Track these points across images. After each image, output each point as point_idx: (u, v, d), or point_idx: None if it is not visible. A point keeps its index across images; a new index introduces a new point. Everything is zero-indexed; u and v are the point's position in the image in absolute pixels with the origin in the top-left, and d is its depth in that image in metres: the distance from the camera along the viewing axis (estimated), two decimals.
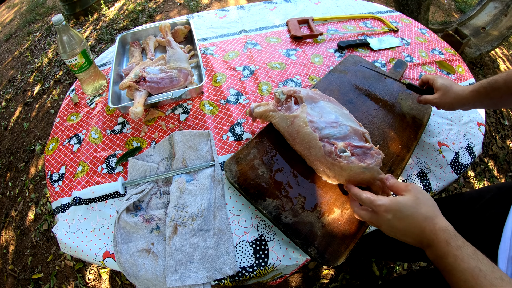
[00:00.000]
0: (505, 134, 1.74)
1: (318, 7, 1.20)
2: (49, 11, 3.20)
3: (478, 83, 0.60)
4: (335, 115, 0.64)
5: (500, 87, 0.56)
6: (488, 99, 0.59)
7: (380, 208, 0.46)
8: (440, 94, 0.65)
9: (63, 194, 0.70)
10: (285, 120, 0.65)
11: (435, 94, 0.66)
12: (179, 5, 2.84)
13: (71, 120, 0.85)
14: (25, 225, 1.49)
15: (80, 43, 0.80)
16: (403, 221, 0.44)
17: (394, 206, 0.45)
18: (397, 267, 1.20)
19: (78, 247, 0.61)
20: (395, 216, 0.45)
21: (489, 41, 2.06)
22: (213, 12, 1.19)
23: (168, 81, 0.79)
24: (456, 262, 0.38)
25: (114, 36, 2.49)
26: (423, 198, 0.45)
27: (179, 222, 0.60)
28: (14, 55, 2.69)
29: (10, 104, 2.19)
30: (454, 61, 0.96)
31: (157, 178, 0.67)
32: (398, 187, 0.49)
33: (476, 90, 0.60)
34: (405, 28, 1.09)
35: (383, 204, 0.46)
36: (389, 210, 0.45)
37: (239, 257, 0.58)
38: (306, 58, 0.96)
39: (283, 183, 0.62)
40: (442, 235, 0.40)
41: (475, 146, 0.74)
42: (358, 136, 0.61)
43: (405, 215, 0.44)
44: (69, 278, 1.27)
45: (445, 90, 0.64)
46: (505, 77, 0.56)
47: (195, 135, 0.74)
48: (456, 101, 0.63)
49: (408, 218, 0.44)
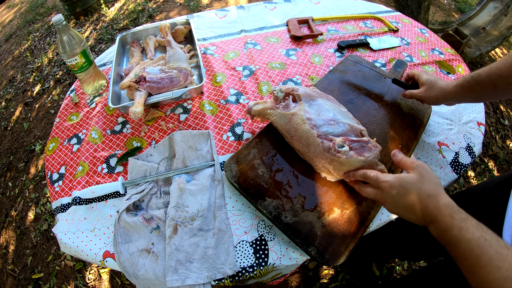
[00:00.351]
0: (505, 134, 1.74)
1: (318, 7, 1.20)
2: (49, 11, 3.20)
3: (462, 77, 0.61)
4: (333, 113, 0.64)
5: (483, 81, 0.57)
6: (471, 93, 0.60)
7: (385, 184, 0.47)
8: (425, 89, 0.67)
9: (63, 194, 0.70)
10: (283, 118, 0.65)
11: (420, 88, 0.68)
12: (179, 5, 2.84)
13: (71, 120, 0.85)
14: (25, 225, 1.49)
15: (80, 43, 0.80)
16: (407, 197, 0.45)
17: (398, 182, 0.46)
18: (397, 267, 1.20)
19: (78, 247, 0.61)
20: (399, 193, 0.45)
21: (489, 41, 2.06)
22: (213, 12, 1.19)
23: (168, 81, 0.79)
24: (461, 233, 0.38)
25: (114, 36, 2.49)
26: (428, 176, 0.46)
27: (179, 222, 0.60)
28: (14, 55, 2.69)
29: (10, 104, 2.19)
30: (454, 61, 0.96)
31: (157, 178, 0.67)
32: (405, 163, 0.49)
33: (460, 84, 0.61)
34: (405, 28, 1.09)
35: (387, 180, 0.47)
36: (393, 187, 0.46)
37: (239, 257, 0.58)
38: (306, 58, 0.96)
39: (283, 183, 0.62)
40: (446, 210, 0.41)
41: (475, 146, 0.74)
42: (355, 133, 0.62)
43: (409, 191, 0.45)
44: (69, 278, 1.27)
45: (430, 85, 0.66)
46: (487, 71, 0.57)
47: (195, 135, 0.74)
48: (441, 95, 0.64)
49: (411, 195, 0.44)
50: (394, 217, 0.62)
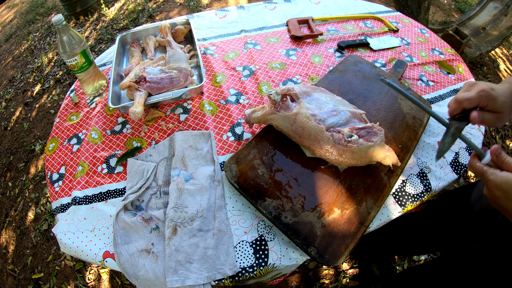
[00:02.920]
0: (505, 134, 1.74)
1: (318, 7, 1.20)
2: (49, 11, 3.20)
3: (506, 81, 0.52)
4: (332, 103, 0.67)
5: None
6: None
7: (490, 183, 0.43)
8: (503, 116, 0.50)
9: (63, 194, 0.70)
10: (287, 120, 0.65)
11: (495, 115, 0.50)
12: (179, 5, 2.84)
13: (71, 120, 0.85)
14: (25, 225, 1.49)
15: (80, 43, 0.80)
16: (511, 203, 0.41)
17: (505, 186, 0.41)
18: (397, 267, 1.20)
19: (78, 247, 0.61)
20: (504, 196, 0.41)
21: (489, 41, 2.06)
22: (213, 12, 1.19)
23: (168, 81, 0.79)
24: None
25: (114, 36, 2.49)
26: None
27: (179, 223, 0.60)
28: (14, 55, 2.69)
29: (10, 104, 2.19)
30: (454, 61, 0.96)
31: (154, 176, 0.67)
32: (510, 164, 0.42)
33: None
34: (405, 28, 1.09)
35: (493, 180, 0.42)
36: (498, 188, 0.42)
37: (239, 257, 0.58)
38: (306, 58, 0.96)
39: (283, 183, 0.62)
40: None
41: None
42: (358, 118, 0.65)
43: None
44: (69, 278, 1.27)
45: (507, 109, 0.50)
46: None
47: (196, 135, 0.74)
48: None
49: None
50: (394, 217, 0.62)
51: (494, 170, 0.43)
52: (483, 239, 0.63)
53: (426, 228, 0.84)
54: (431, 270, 0.78)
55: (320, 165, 0.65)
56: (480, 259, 0.63)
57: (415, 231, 0.89)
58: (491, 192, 0.43)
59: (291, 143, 0.68)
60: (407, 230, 0.91)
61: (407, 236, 0.92)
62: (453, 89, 0.87)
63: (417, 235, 0.88)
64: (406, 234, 0.92)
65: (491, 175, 0.42)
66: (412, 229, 0.90)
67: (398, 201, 0.64)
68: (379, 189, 0.62)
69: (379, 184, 0.62)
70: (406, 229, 0.91)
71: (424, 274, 0.83)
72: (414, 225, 0.89)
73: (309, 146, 0.64)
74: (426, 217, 0.85)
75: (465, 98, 0.49)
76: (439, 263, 0.76)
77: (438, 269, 0.74)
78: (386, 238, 1.00)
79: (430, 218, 0.84)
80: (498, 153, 0.43)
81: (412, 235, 0.90)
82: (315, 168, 0.64)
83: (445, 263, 0.74)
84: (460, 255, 0.69)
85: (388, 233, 0.96)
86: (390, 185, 0.62)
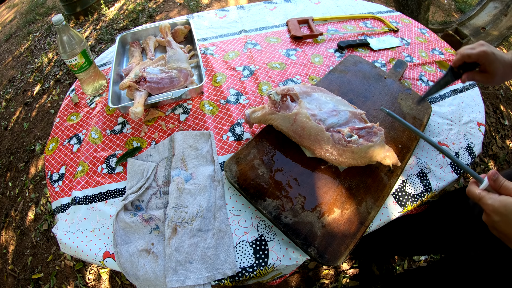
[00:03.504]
0: (505, 134, 1.74)
1: (318, 7, 1.20)
2: (49, 11, 3.20)
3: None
4: (332, 103, 0.67)
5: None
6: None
7: (488, 207, 0.42)
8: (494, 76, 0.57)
9: (63, 194, 0.70)
10: (287, 120, 0.65)
11: (486, 75, 0.58)
12: (179, 5, 2.84)
13: (71, 120, 0.85)
14: (25, 225, 1.49)
15: (80, 43, 0.80)
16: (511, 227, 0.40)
17: (503, 210, 0.40)
18: (397, 268, 1.20)
19: (78, 247, 0.61)
20: (503, 221, 0.41)
21: (489, 41, 2.06)
22: (213, 12, 1.19)
23: (168, 81, 0.79)
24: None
25: (114, 36, 2.49)
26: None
27: (179, 223, 0.60)
28: (14, 55, 2.69)
29: (10, 104, 2.19)
30: None
31: (154, 176, 0.67)
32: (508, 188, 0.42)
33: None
34: (405, 28, 1.09)
35: (491, 204, 0.42)
36: (497, 212, 0.41)
37: (239, 257, 0.58)
38: (306, 58, 0.96)
39: (283, 183, 0.62)
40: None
41: (475, 146, 0.74)
42: (358, 118, 0.65)
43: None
44: (69, 278, 1.27)
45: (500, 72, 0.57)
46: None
47: (196, 135, 0.74)
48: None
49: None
50: (394, 217, 0.62)
51: (492, 195, 0.43)
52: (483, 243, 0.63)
53: (426, 230, 0.84)
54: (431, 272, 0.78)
55: (320, 165, 0.65)
56: (481, 263, 0.63)
57: (415, 232, 0.89)
58: (490, 218, 0.42)
59: (291, 143, 0.68)
60: (407, 231, 0.92)
61: (407, 237, 0.92)
62: (453, 89, 0.87)
63: (417, 236, 0.88)
64: (406, 235, 0.92)
65: (489, 200, 0.42)
66: (412, 230, 0.90)
67: (398, 201, 0.64)
68: (379, 189, 0.62)
69: (379, 184, 0.62)
70: (406, 230, 0.92)
71: (424, 276, 0.83)
72: (414, 226, 0.89)
73: (309, 146, 0.64)
74: (426, 219, 0.85)
75: (466, 54, 0.56)
76: (440, 266, 0.76)
77: (439, 272, 0.74)
78: (386, 238, 1.00)
79: (430, 219, 0.84)
80: (496, 178, 0.43)
81: (412, 236, 0.91)
82: (315, 168, 0.64)
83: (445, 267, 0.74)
84: (461, 259, 0.69)
85: (388, 234, 0.96)
86: (390, 185, 0.62)
